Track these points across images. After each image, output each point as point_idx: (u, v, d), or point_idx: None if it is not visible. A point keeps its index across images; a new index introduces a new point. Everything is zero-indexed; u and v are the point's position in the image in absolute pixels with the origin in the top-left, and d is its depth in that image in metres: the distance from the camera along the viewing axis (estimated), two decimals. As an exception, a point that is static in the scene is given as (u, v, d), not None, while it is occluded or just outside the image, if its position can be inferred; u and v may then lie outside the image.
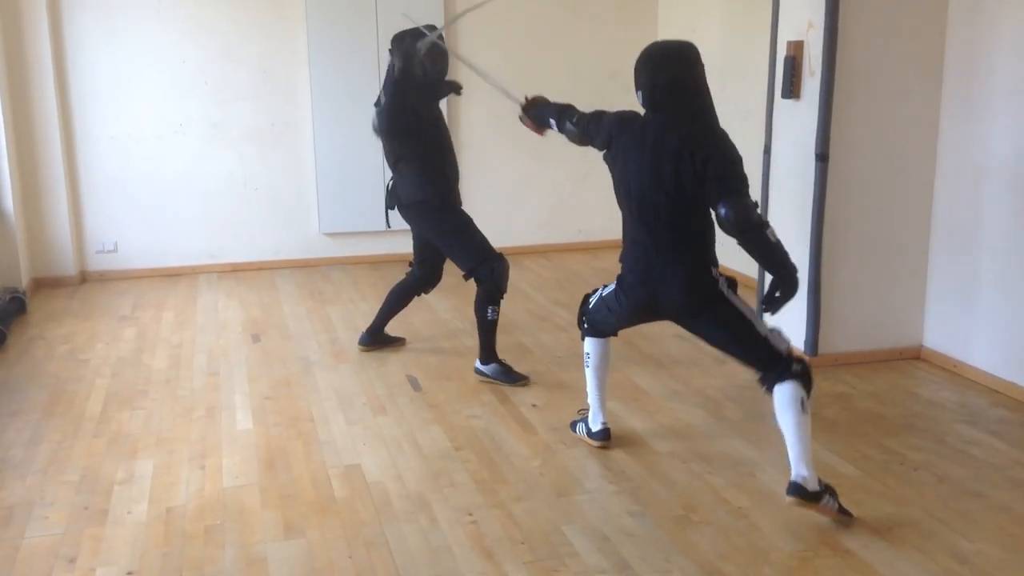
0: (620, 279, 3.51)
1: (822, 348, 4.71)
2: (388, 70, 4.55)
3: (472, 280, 4.59)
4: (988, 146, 4.36)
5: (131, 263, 6.76)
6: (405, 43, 4.44)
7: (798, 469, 3.18)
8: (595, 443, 3.78)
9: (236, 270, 6.90)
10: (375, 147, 6.91)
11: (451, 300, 6.03)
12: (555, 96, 3.97)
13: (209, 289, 6.46)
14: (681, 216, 3.29)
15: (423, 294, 5.03)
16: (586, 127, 3.63)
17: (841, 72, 4.44)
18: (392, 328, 5.19)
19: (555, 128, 3.81)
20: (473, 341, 5.16)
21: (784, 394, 3.21)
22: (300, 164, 6.97)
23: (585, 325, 3.77)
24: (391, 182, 4.80)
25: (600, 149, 3.53)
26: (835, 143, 4.53)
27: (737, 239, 3.21)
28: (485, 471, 3.59)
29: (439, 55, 4.56)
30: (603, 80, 7.42)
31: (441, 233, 4.67)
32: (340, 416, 4.15)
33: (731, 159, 3.25)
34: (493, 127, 7.25)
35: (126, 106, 6.60)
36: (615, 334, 3.78)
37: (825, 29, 4.40)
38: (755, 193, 4.89)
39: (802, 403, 3.19)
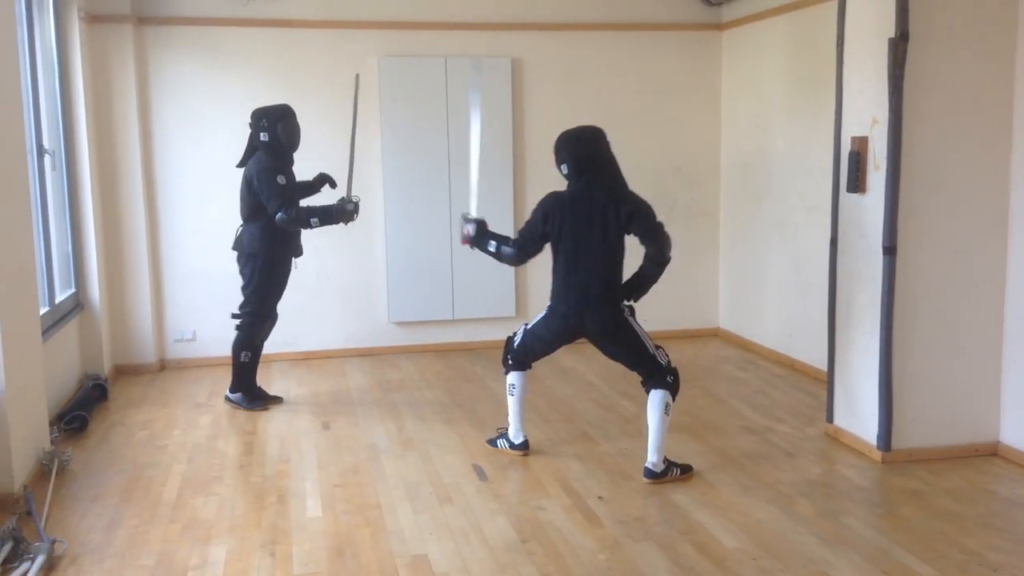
0: (552, 310, 4.51)
1: (895, 444, 4.61)
2: (253, 138, 5.50)
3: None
4: (1061, 239, 4.31)
5: (208, 351, 6.97)
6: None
7: (651, 457, 4.34)
8: (518, 453, 4.74)
9: (307, 358, 7.06)
10: (443, 239, 7.19)
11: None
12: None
13: (282, 377, 6.61)
14: (607, 258, 4.34)
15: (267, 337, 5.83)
16: (523, 237, 4.52)
17: (906, 167, 4.47)
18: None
19: (494, 250, 4.58)
20: (540, 431, 5.19)
21: (656, 398, 4.36)
22: (371, 256, 7.18)
23: (510, 362, 4.69)
24: (240, 229, 5.61)
25: (539, 239, 4.47)
26: (902, 236, 4.52)
27: (651, 267, 4.34)
28: (551, 564, 3.57)
29: (295, 132, 5.61)
30: (668, 174, 7.53)
31: (252, 274, 5.56)
32: (407, 505, 4.19)
33: (648, 209, 4.34)
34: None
35: (208, 202, 6.88)
36: (531, 366, 4.72)
37: (889, 125, 4.45)
38: (823, 284, 4.96)
39: (666, 407, 4.36)
